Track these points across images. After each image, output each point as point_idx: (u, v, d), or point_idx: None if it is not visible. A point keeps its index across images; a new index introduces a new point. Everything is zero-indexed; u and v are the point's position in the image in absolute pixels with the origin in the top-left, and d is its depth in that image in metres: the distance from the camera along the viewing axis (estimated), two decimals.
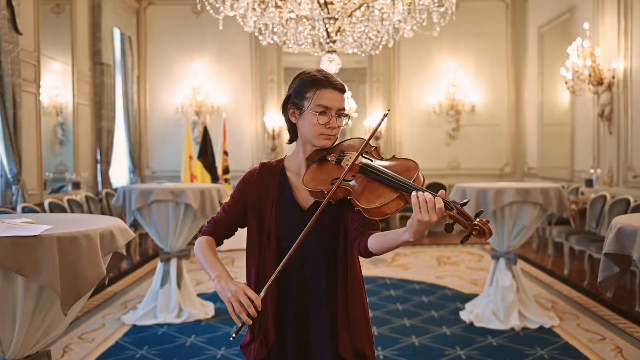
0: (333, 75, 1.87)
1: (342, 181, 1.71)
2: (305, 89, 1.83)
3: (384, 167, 1.74)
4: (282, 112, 1.91)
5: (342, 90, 1.85)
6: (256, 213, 1.89)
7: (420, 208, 1.55)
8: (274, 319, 1.85)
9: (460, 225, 1.58)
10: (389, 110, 1.86)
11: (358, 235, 1.77)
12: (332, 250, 1.86)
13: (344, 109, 1.84)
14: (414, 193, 1.58)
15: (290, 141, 1.94)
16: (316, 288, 1.85)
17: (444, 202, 1.56)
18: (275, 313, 1.86)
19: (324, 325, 1.85)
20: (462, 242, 1.59)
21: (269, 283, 1.70)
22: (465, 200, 1.62)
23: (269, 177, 1.91)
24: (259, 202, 1.89)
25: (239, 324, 1.65)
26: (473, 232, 1.56)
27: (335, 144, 1.88)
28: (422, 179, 1.70)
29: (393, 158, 1.81)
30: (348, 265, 1.86)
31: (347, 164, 1.76)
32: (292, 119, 1.87)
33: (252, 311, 1.64)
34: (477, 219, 1.57)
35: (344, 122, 1.86)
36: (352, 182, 1.73)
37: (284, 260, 1.70)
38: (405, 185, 1.64)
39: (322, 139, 1.83)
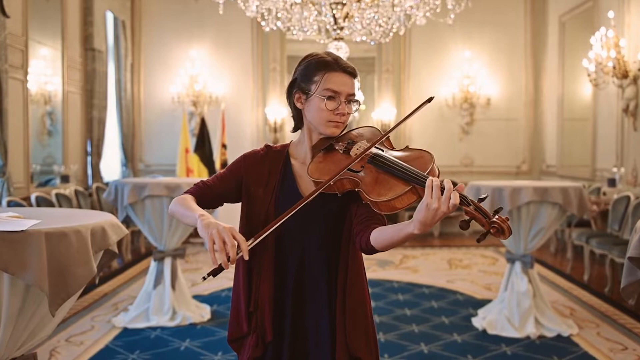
0: (343, 59, 1.83)
1: (350, 172, 1.69)
2: (312, 71, 1.80)
3: (396, 157, 1.70)
4: (287, 98, 1.88)
5: (353, 75, 1.81)
6: (250, 197, 1.86)
7: (432, 193, 1.51)
8: (271, 317, 1.83)
9: (477, 222, 1.54)
10: (432, 97, 1.77)
11: (361, 229, 1.73)
12: (334, 247, 1.83)
13: (354, 95, 1.81)
14: (429, 179, 1.54)
15: (295, 129, 1.91)
16: (314, 290, 1.83)
17: (460, 196, 1.52)
18: (273, 310, 1.83)
19: (322, 330, 1.84)
20: (478, 241, 1.55)
21: (264, 233, 1.64)
22: (483, 196, 1.59)
23: (272, 162, 1.88)
24: (256, 186, 1.85)
25: (216, 265, 1.57)
26: (491, 231, 1.52)
27: (344, 132, 1.85)
28: (438, 172, 1.67)
29: (406, 148, 1.77)
30: (349, 265, 1.83)
31: (357, 154, 1.72)
32: (298, 105, 1.84)
33: (233, 253, 1.56)
34: (496, 216, 1.53)
35: (354, 109, 1.82)
36: (361, 174, 1.69)
37: (282, 218, 1.66)
38: (419, 178, 1.60)
39: (330, 126, 1.80)
